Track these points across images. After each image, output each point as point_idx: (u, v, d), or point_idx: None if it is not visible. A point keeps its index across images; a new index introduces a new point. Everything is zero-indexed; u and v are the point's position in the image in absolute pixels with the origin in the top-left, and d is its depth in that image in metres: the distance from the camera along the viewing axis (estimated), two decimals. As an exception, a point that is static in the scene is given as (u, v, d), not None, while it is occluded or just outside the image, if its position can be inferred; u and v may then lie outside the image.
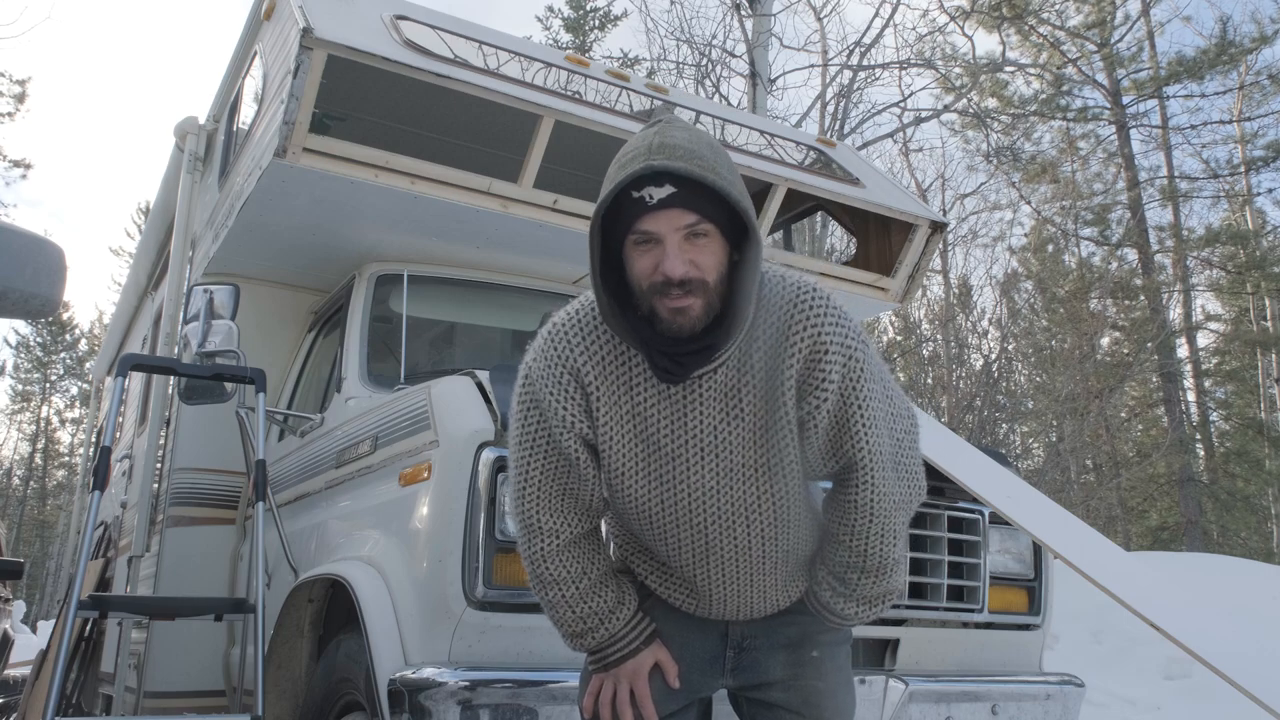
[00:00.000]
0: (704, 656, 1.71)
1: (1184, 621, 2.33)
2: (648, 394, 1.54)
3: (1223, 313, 24.33)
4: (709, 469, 1.54)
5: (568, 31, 23.71)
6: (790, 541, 1.63)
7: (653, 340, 1.47)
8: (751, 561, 1.61)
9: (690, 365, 1.48)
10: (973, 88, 16.13)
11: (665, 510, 1.58)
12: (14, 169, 26.97)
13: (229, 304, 3.18)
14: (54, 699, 2.55)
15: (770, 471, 1.56)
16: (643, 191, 1.42)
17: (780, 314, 1.51)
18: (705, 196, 1.42)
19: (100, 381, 8.44)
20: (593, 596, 1.63)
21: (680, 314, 1.43)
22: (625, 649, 1.65)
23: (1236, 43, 17.79)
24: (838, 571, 1.65)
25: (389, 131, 3.87)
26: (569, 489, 1.60)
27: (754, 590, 1.65)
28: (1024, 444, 19.44)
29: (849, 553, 1.62)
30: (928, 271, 7.81)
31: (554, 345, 1.58)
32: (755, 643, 1.71)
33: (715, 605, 1.67)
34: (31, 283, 1.53)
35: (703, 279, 1.43)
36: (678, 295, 1.42)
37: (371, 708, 2.22)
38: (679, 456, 1.54)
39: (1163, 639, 2.30)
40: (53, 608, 13.38)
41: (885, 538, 1.60)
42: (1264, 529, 21.87)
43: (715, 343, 1.46)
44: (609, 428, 1.56)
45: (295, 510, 3.32)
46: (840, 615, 1.69)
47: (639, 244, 1.45)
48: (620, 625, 1.64)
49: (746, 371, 1.51)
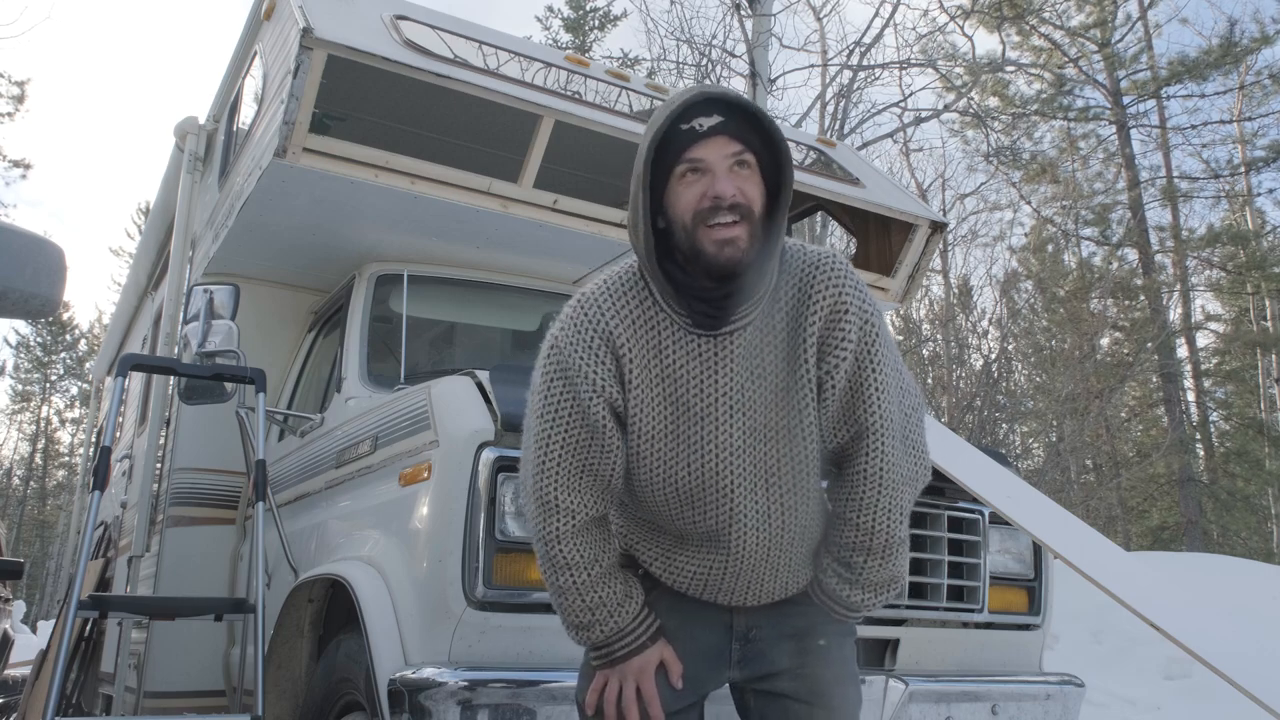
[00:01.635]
0: (710, 650, 1.69)
1: (1184, 621, 2.33)
2: (677, 355, 1.56)
3: (1223, 313, 24.35)
4: (736, 427, 1.55)
5: (568, 31, 23.72)
6: (807, 514, 1.64)
7: (690, 287, 1.52)
8: (771, 530, 1.61)
9: (728, 309, 1.51)
10: (973, 87, 16.13)
11: (692, 475, 1.57)
12: (14, 169, 26.99)
13: (229, 304, 3.18)
14: (54, 699, 2.55)
15: (791, 434, 1.58)
16: (692, 122, 1.50)
17: (802, 276, 1.58)
18: (750, 130, 1.51)
19: (100, 381, 8.45)
20: (603, 585, 1.62)
21: (729, 244, 1.47)
22: (631, 645, 1.63)
23: (1239, 42, 17.79)
24: (843, 556, 1.64)
25: (389, 131, 3.86)
26: (589, 465, 1.59)
27: (769, 566, 1.64)
28: (1024, 444, 19.44)
29: (855, 531, 1.61)
30: (928, 271, 7.81)
31: (584, 311, 1.60)
32: (761, 634, 1.69)
33: (727, 583, 1.65)
34: (31, 283, 1.53)
35: (749, 206, 1.49)
36: (726, 222, 1.47)
37: (371, 708, 2.22)
38: (708, 415, 1.55)
39: (1163, 639, 2.30)
40: (53, 608, 13.38)
41: (892, 513, 1.60)
42: (1264, 529, 21.86)
43: (750, 284, 1.50)
44: (640, 390, 1.57)
45: (295, 510, 3.32)
46: (847, 605, 1.67)
47: (686, 175, 1.51)
48: (627, 620, 1.63)
49: (770, 332, 1.56)
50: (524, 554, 2.17)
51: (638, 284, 1.60)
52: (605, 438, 1.58)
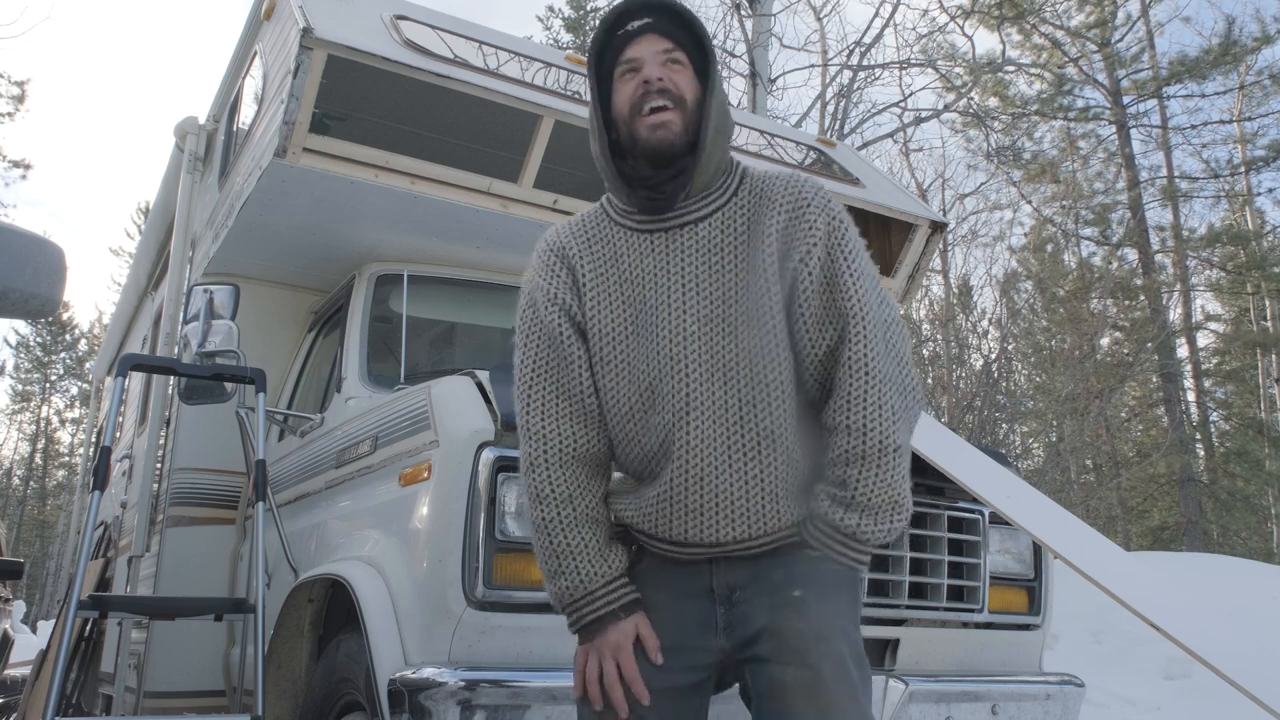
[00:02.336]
0: (695, 619, 1.61)
1: (1184, 621, 2.33)
2: (632, 256, 1.66)
3: (1223, 313, 24.35)
4: (690, 315, 1.60)
5: (568, 31, 23.72)
6: (770, 416, 1.57)
7: (634, 178, 1.64)
8: (729, 426, 1.56)
9: (669, 192, 1.62)
10: (973, 87, 16.13)
11: (650, 366, 1.60)
12: (14, 169, 26.99)
13: (229, 304, 3.18)
14: (54, 699, 2.55)
15: (749, 325, 1.58)
16: (625, 26, 1.67)
17: (764, 183, 1.68)
18: (679, 28, 1.66)
19: (100, 381, 8.45)
20: (575, 530, 1.60)
21: (660, 128, 1.60)
22: (600, 610, 1.59)
23: (1239, 42, 17.79)
24: (837, 475, 1.56)
25: (389, 131, 3.86)
26: (562, 387, 1.66)
27: (730, 472, 1.56)
28: (1024, 444, 19.44)
29: (846, 436, 1.54)
30: (928, 271, 7.81)
31: (545, 240, 1.78)
32: (744, 595, 1.59)
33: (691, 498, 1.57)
34: (31, 283, 1.53)
35: (680, 94, 1.62)
36: (657, 107, 1.60)
37: (371, 708, 2.22)
38: (662, 305, 1.62)
39: (1163, 639, 2.30)
40: (53, 608, 13.38)
41: (883, 409, 1.54)
42: (1264, 529, 21.87)
43: (688, 167, 1.61)
44: (596, 294, 1.67)
45: (295, 510, 3.32)
46: (843, 532, 1.55)
47: (625, 75, 1.65)
48: (597, 582, 1.59)
49: (729, 232, 1.64)
50: (524, 554, 2.17)
51: (596, 212, 1.75)
52: (566, 348, 1.66)
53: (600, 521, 1.65)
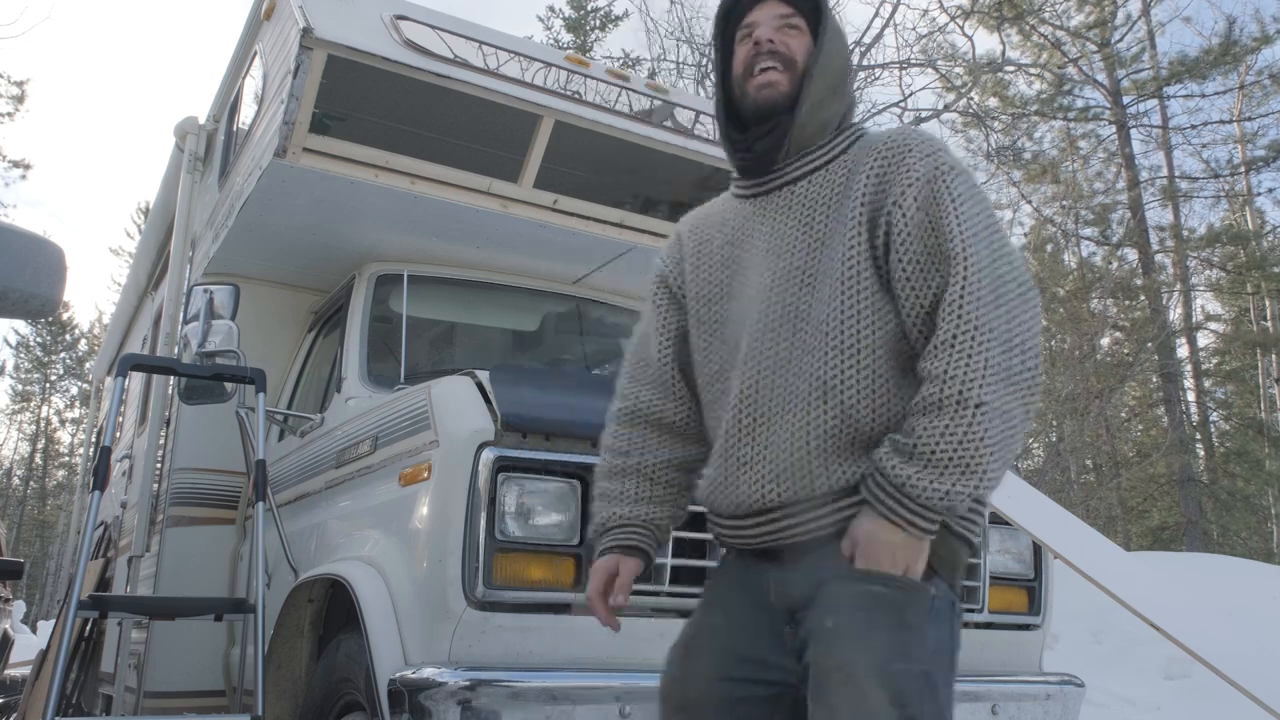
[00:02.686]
0: (769, 632, 1.52)
1: (1184, 621, 2.33)
2: (737, 221, 1.70)
3: (1223, 313, 24.35)
4: (771, 272, 1.59)
5: (568, 31, 23.71)
6: (829, 372, 1.47)
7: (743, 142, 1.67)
8: (788, 379, 1.49)
9: (760, 151, 1.64)
10: (973, 87, 16.13)
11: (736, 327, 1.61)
12: (14, 169, 26.98)
13: (229, 304, 3.18)
14: (54, 699, 2.55)
15: (827, 277, 1.51)
16: None
17: (872, 140, 1.63)
18: None
19: (100, 381, 8.45)
20: (620, 479, 1.71)
21: (767, 87, 1.62)
22: (605, 544, 1.69)
23: (1239, 42, 17.78)
24: (908, 424, 1.39)
25: (389, 131, 3.86)
26: (645, 355, 1.77)
27: (784, 424, 1.48)
28: (1024, 444, 19.43)
29: (927, 384, 1.38)
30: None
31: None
32: (804, 615, 1.46)
33: (745, 451, 1.52)
34: (31, 283, 1.53)
35: (791, 57, 1.63)
36: (766, 67, 1.62)
37: (371, 708, 2.22)
38: (752, 265, 1.63)
39: (1163, 639, 2.30)
40: (53, 608, 13.37)
41: (973, 359, 1.34)
42: (1264, 529, 21.86)
43: (780, 125, 1.62)
44: (695, 261, 1.74)
45: (295, 510, 3.32)
46: (894, 485, 1.37)
47: (743, 39, 1.68)
48: (615, 520, 1.69)
49: (826, 186, 1.61)
50: (524, 554, 2.17)
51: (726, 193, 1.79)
52: (655, 317, 1.77)
53: (652, 480, 1.71)
